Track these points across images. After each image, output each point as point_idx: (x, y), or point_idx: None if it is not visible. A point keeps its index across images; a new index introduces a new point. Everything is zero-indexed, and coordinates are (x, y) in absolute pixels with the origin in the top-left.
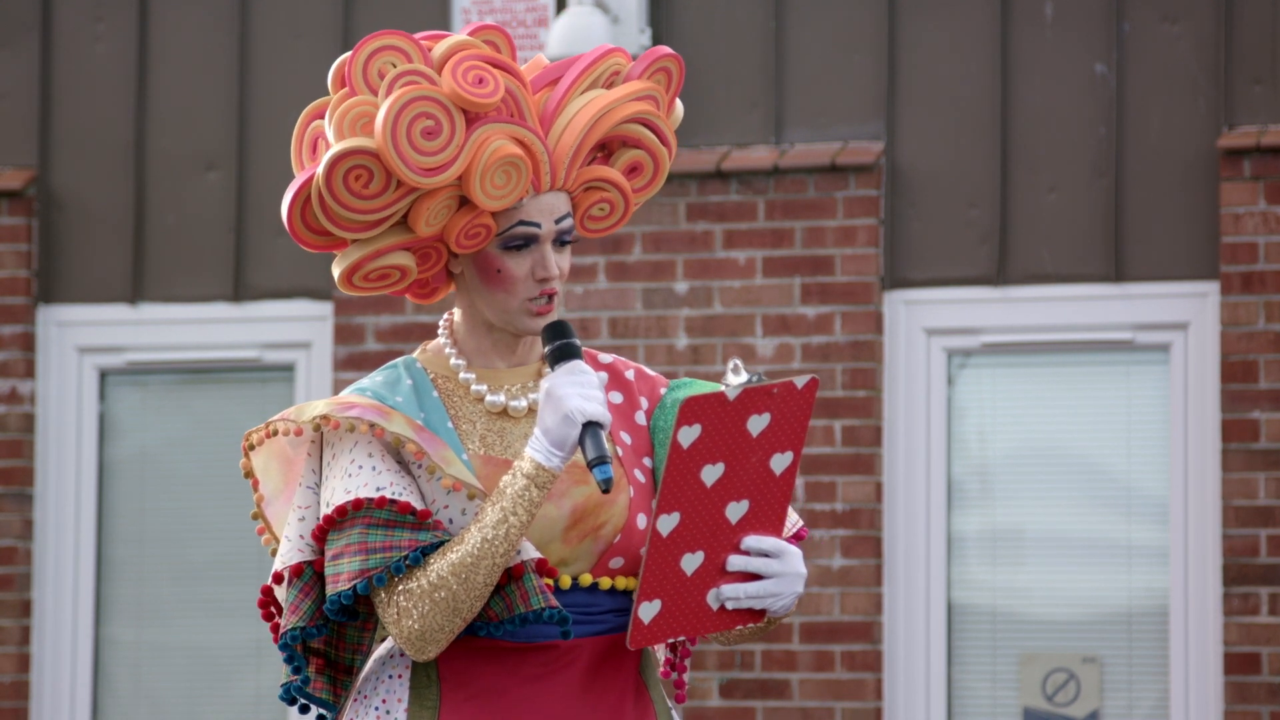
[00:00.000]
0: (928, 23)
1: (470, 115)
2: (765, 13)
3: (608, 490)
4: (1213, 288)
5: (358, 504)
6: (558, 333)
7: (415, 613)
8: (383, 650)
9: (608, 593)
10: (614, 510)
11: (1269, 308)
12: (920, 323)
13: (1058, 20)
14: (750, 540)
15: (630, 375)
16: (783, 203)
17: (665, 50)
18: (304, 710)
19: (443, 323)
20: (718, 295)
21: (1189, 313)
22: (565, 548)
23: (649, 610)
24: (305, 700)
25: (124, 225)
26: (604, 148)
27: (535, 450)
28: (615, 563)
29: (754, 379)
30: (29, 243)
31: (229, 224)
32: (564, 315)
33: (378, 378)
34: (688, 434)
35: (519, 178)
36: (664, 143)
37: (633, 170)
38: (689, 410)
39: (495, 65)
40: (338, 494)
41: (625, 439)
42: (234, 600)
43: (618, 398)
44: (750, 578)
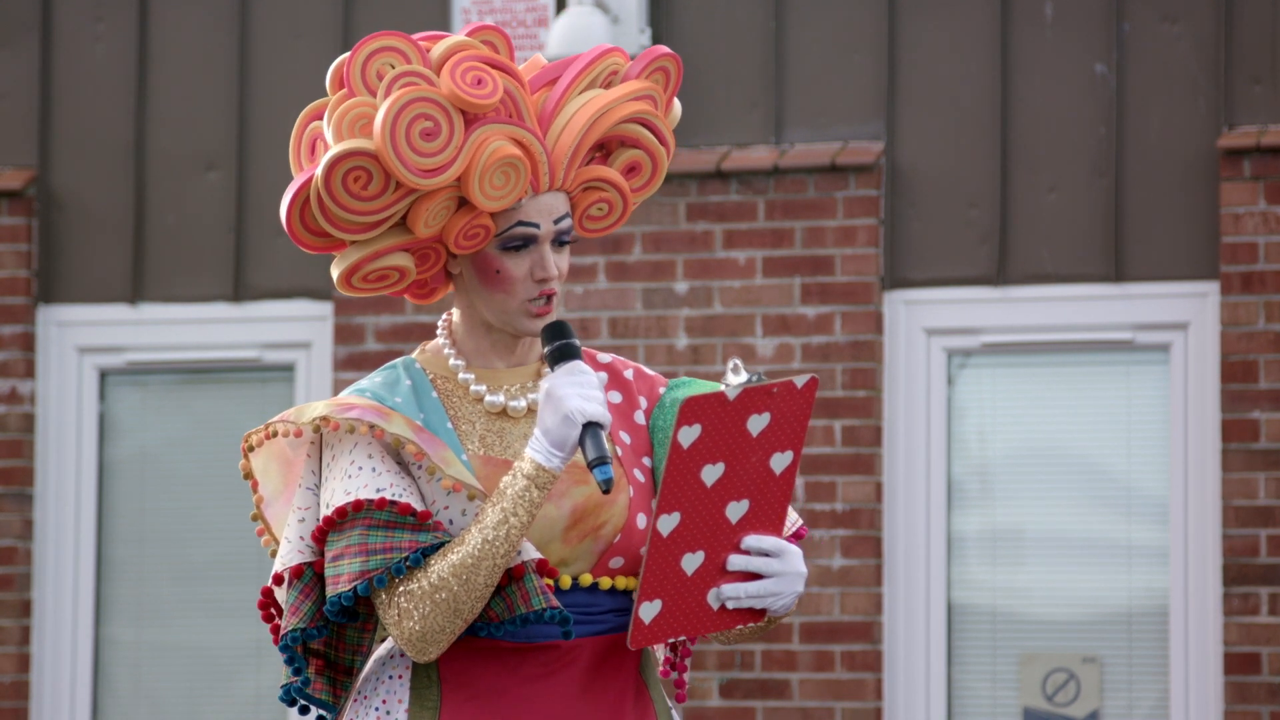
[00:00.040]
0: (928, 23)
1: (469, 116)
2: (765, 13)
3: (608, 491)
4: (1213, 288)
5: (358, 505)
6: (557, 333)
7: (416, 614)
8: (382, 650)
9: (608, 592)
10: (614, 510)
11: (1269, 308)
12: (920, 323)
13: (1058, 20)
14: (750, 540)
15: (629, 375)
16: (783, 203)
17: (663, 50)
18: (304, 711)
19: (441, 323)
20: (718, 295)
21: (1189, 313)
22: (565, 548)
23: (649, 610)
24: (305, 701)
25: (124, 225)
26: (602, 147)
27: (535, 451)
28: (615, 562)
29: (754, 379)
30: (29, 243)
31: (229, 224)
32: (563, 315)
33: (376, 378)
34: (688, 434)
35: (518, 178)
36: (662, 142)
37: (631, 170)
38: (689, 410)
39: (493, 66)
40: (337, 495)
41: (624, 438)
42: (234, 600)
43: (616, 397)
44: (750, 577)
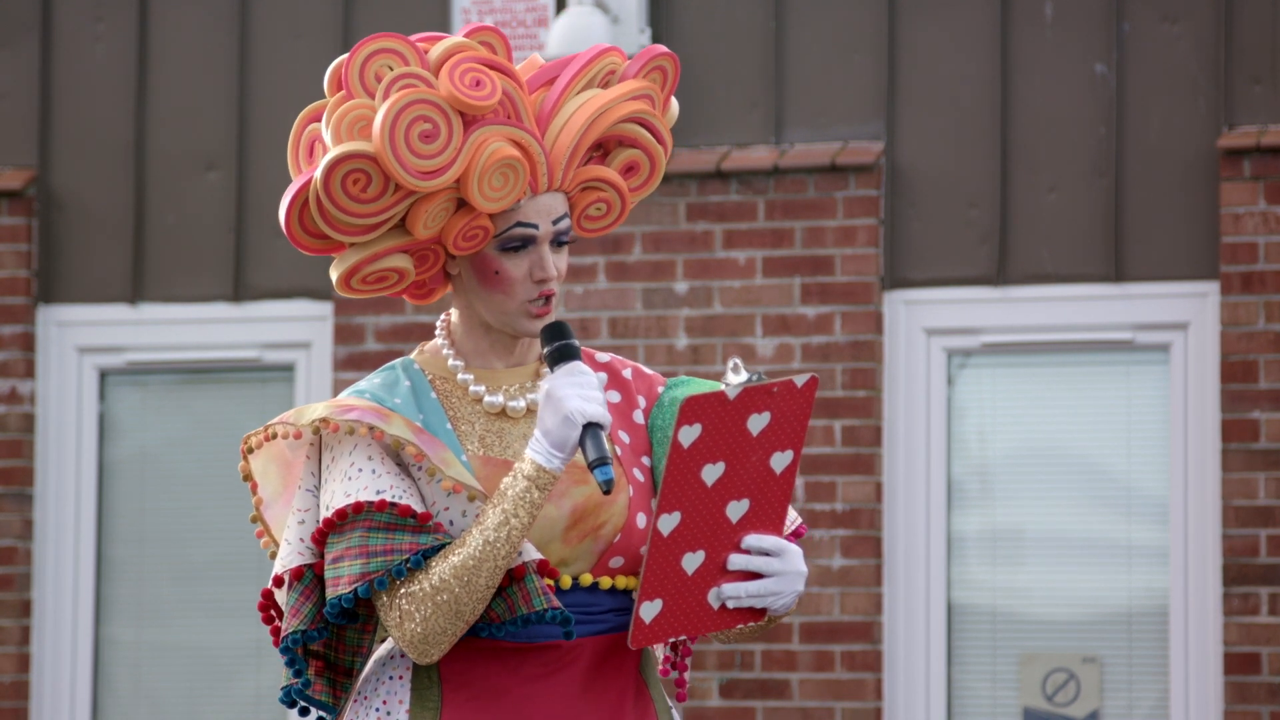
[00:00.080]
0: (928, 23)
1: (468, 118)
2: (765, 13)
3: (609, 492)
4: (1213, 288)
5: (358, 507)
6: (556, 334)
7: (418, 616)
8: (383, 651)
9: (608, 592)
10: (614, 510)
11: (1269, 308)
12: (920, 323)
13: (1058, 20)
14: (751, 539)
15: (628, 374)
16: (783, 203)
17: (660, 49)
18: (304, 713)
19: (439, 324)
20: (718, 295)
21: (1189, 313)
22: (565, 548)
23: (650, 610)
24: (306, 703)
25: (124, 225)
26: (600, 147)
27: (536, 452)
28: (615, 562)
29: (754, 378)
30: (29, 243)
31: (229, 224)
32: (563, 315)
33: (375, 379)
34: (688, 434)
35: (516, 179)
36: (660, 141)
37: (629, 169)
38: (689, 410)
39: (491, 67)
40: (337, 497)
41: (623, 438)
42: (234, 600)
43: (615, 397)
44: (751, 576)
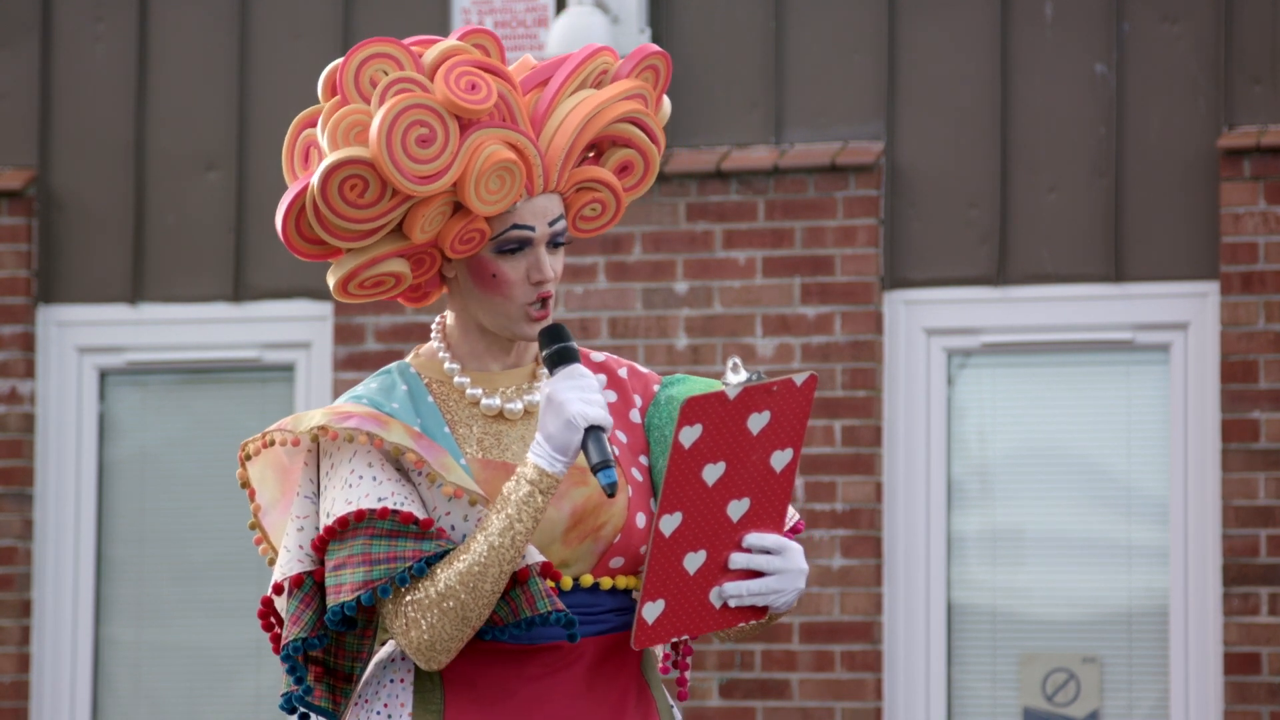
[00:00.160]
0: (928, 23)
1: (463, 121)
2: (765, 13)
3: (612, 494)
4: (1213, 288)
5: (360, 515)
6: (555, 336)
7: (424, 623)
8: (383, 654)
9: (609, 592)
10: (613, 510)
11: (1269, 308)
12: (920, 323)
13: (1058, 20)
14: (752, 538)
15: (623, 373)
16: (783, 203)
17: (653, 48)
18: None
19: (435, 326)
20: (718, 295)
21: (1189, 313)
22: (566, 549)
23: (653, 610)
24: (306, 709)
25: (124, 225)
26: (594, 147)
27: (538, 456)
28: (616, 562)
29: (753, 377)
30: (29, 243)
31: (229, 224)
32: (563, 316)
33: (372, 384)
34: (689, 434)
35: (513, 182)
36: (654, 141)
37: (623, 169)
38: (690, 410)
39: (486, 70)
40: (338, 505)
41: (621, 438)
42: (234, 600)
43: (612, 396)
44: (752, 575)
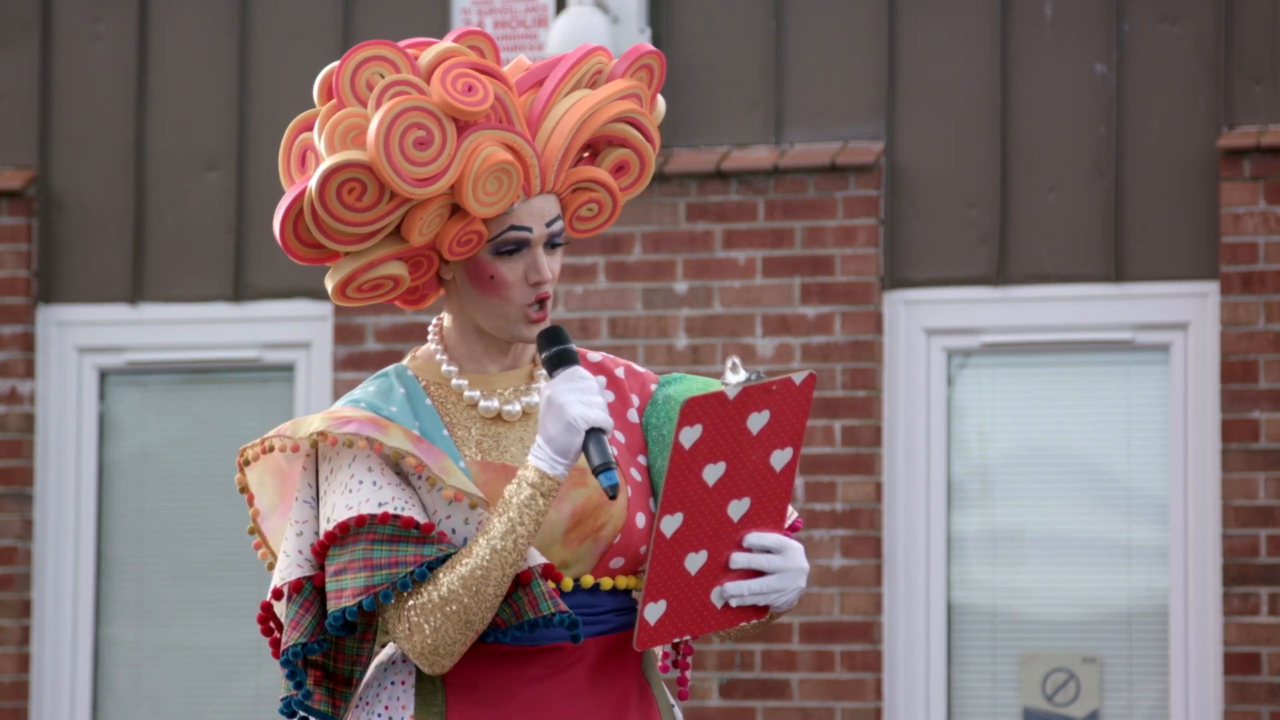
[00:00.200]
0: (928, 23)
1: (460, 123)
2: (765, 13)
3: (614, 497)
4: (1213, 288)
5: (361, 520)
6: (554, 339)
7: (427, 627)
8: (384, 656)
9: (609, 593)
10: (613, 511)
11: (1269, 308)
12: (920, 323)
13: (1058, 20)
14: (753, 537)
15: (620, 373)
16: (783, 203)
17: (646, 47)
18: None
19: (432, 328)
20: (718, 295)
21: (1189, 313)
22: (566, 550)
23: (654, 611)
24: (306, 714)
25: (124, 225)
26: (589, 147)
27: (539, 459)
28: (616, 563)
29: (753, 377)
30: (29, 243)
31: (229, 224)
32: (563, 316)
33: (370, 387)
34: (689, 434)
35: (510, 183)
36: (649, 140)
37: (619, 169)
38: (690, 411)
39: (482, 71)
40: (339, 510)
41: (619, 437)
42: (234, 600)
43: (609, 396)
44: (753, 574)
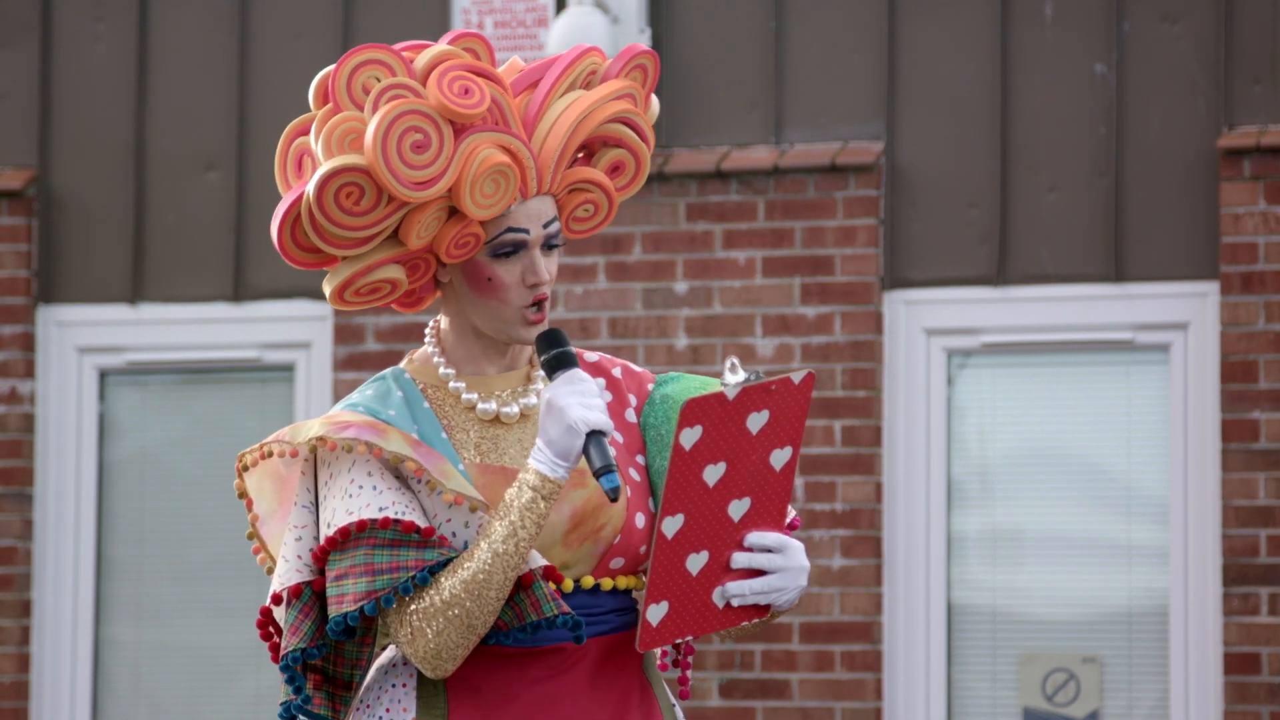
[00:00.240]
0: (928, 23)
1: (457, 126)
2: (765, 13)
3: (616, 499)
4: (1213, 288)
5: (361, 525)
6: (553, 341)
7: (430, 631)
8: (384, 659)
9: (609, 593)
10: (613, 511)
11: (1269, 308)
12: (920, 323)
13: (1058, 20)
14: (753, 537)
15: (617, 373)
16: (783, 203)
17: (641, 47)
18: None
19: (429, 330)
20: (718, 295)
21: (1189, 313)
22: (566, 551)
23: (657, 612)
24: (306, 718)
25: (124, 225)
26: (585, 148)
27: (539, 462)
28: (616, 563)
29: (751, 377)
30: (29, 243)
31: (229, 224)
32: (563, 316)
33: (368, 391)
34: (689, 436)
35: (507, 185)
36: (644, 140)
37: (615, 169)
38: (690, 412)
39: (477, 73)
40: (339, 515)
41: (617, 438)
42: (234, 600)
43: (607, 397)
44: (754, 574)
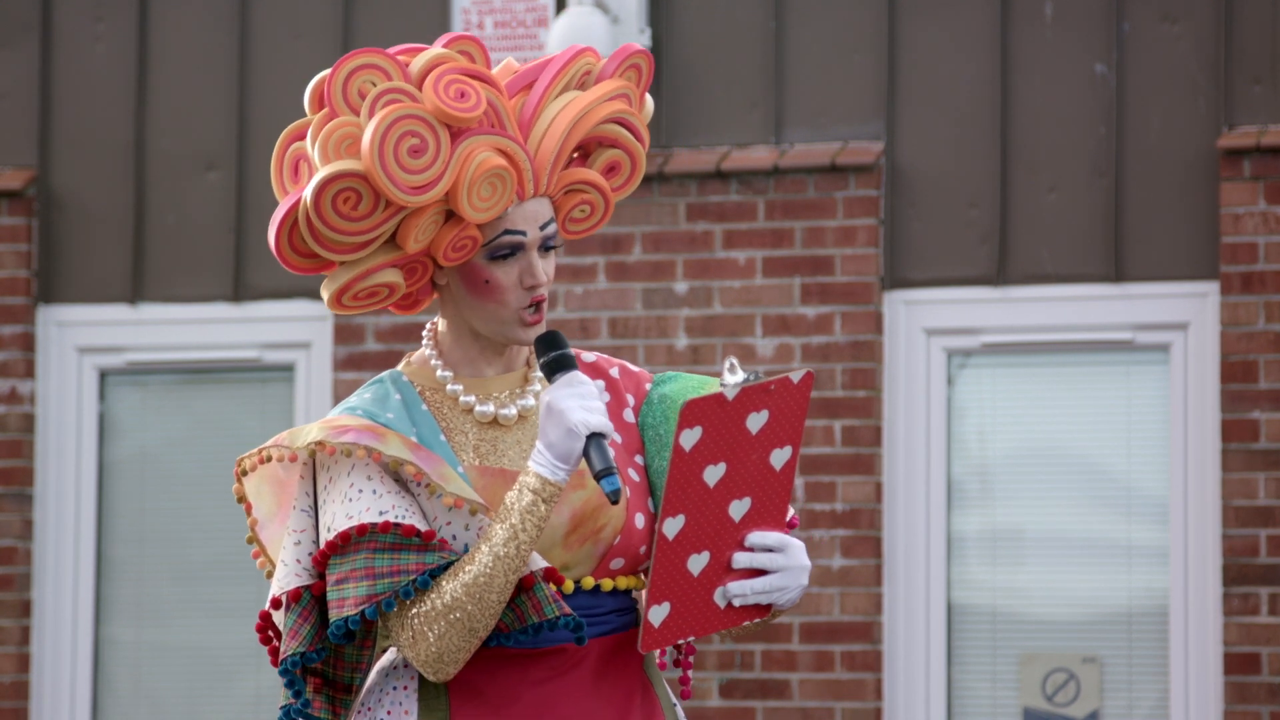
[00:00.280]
0: (928, 23)
1: (454, 129)
2: (765, 13)
3: (616, 501)
4: (1213, 288)
5: (362, 529)
6: (552, 343)
7: (431, 635)
8: (385, 661)
9: (610, 594)
10: (612, 512)
11: (1269, 308)
12: (920, 323)
13: (1058, 20)
14: (754, 536)
15: (615, 373)
16: (783, 203)
17: (635, 47)
18: None
19: (426, 333)
20: (718, 295)
21: (1189, 313)
22: (566, 553)
23: (659, 613)
24: None
25: (124, 225)
26: (580, 149)
27: (540, 465)
28: (616, 563)
29: (750, 377)
30: (29, 243)
31: (229, 224)
32: (563, 316)
33: (366, 394)
34: (689, 437)
35: (504, 188)
36: (639, 140)
37: (611, 169)
38: (690, 413)
39: (473, 76)
40: (339, 519)
41: (616, 438)
42: (234, 600)
43: (605, 397)
44: (755, 573)
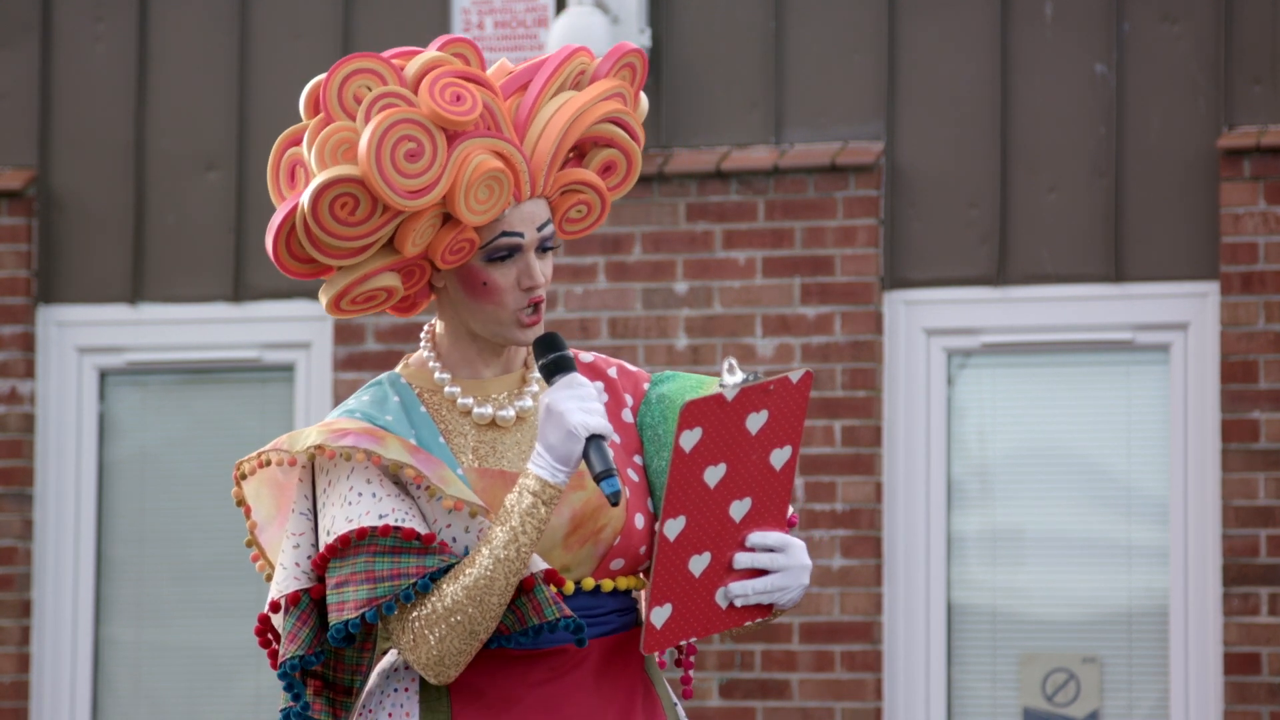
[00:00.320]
0: (928, 23)
1: (450, 133)
2: (765, 13)
3: (616, 503)
4: (1213, 288)
5: (362, 533)
6: (551, 345)
7: (432, 638)
8: (386, 663)
9: (610, 594)
10: (612, 513)
11: (1269, 308)
12: (920, 323)
13: (1058, 20)
14: (755, 537)
15: (613, 373)
16: (783, 203)
17: (629, 46)
18: None
19: (424, 334)
20: (718, 295)
21: (1189, 313)
22: (566, 554)
23: (661, 615)
24: None
25: (124, 225)
26: (576, 149)
27: (539, 467)
28: (616, 564)
29: (750, 378)
30: (29, 243)
31: (229, 224)
32: (562, 316)
33: (364, 397)
34: (689, 438)
35: (501, 190)
36: (635, 139)
37: (607, 169)
38: (690, 414)
39: (468, 79)
40: (339, 523)
41: (615, 439)
42: (234, 600)
43: (604, 398)
44: (757, 573)
